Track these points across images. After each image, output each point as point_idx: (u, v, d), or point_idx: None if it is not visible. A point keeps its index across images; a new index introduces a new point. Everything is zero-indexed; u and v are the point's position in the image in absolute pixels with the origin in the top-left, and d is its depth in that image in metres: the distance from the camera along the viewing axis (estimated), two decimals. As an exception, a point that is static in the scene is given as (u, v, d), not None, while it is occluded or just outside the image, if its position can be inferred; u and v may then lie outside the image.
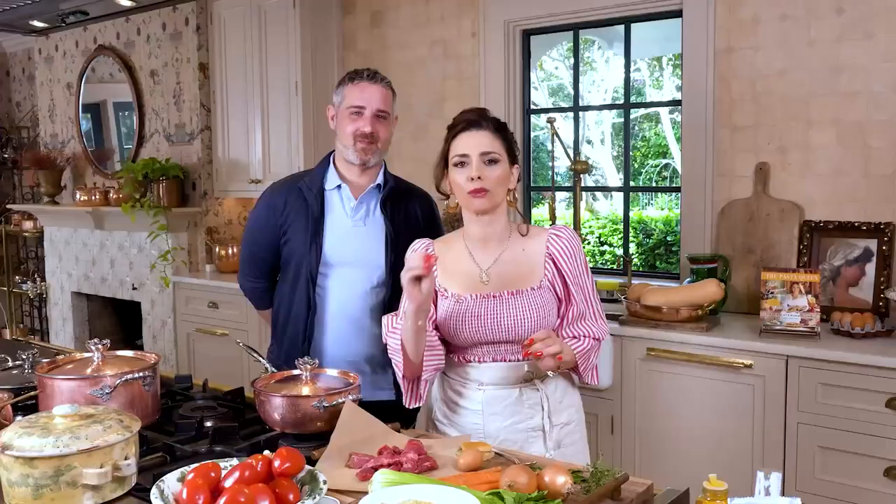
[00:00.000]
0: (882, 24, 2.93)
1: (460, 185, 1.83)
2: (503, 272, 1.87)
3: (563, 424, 1.90)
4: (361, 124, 2.17)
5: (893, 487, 2.50)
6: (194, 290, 4.60)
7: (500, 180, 1.83)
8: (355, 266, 2.21)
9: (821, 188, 3.11)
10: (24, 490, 1.37)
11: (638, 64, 7.11)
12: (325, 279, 2.22)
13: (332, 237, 2.21)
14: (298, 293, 2.23)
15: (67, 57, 5.50)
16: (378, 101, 2.19)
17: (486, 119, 1.87)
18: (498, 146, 1.84)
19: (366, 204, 2.25)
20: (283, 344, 2.28)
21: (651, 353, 2.95)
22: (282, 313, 2.30)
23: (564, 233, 1.91)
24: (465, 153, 1.83)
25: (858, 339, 2.71)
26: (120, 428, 1.44)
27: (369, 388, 2.20)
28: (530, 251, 1.89)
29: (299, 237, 2.22)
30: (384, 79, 2.23)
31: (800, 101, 3.12)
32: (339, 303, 2.22)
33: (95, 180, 5.42)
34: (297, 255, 2.23)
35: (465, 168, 1.82)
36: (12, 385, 1.91)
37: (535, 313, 1.83)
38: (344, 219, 2.24)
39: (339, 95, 2.24)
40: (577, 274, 1.87)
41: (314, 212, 2.21)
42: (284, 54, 4.34)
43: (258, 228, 2.33)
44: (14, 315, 6.46)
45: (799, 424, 2.66)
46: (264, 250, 2.32)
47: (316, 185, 2.24)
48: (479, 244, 1.90)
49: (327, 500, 1.36)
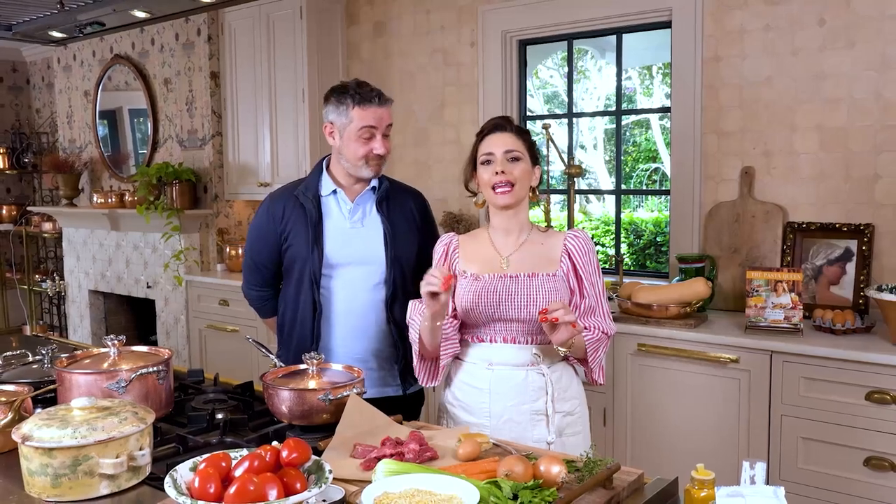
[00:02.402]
0: (862, 33, 2.93)
1: (486, 181, 1.91)
2: (522, 259, 1.92)
3: (565, 413, 1.91)
4: (375, 146, 2.16)
5: (872, 476, 2.50)
6: (206, 288, 4.60)
7: (523, 176, 1.91)
8: (356, 265, 2.21)
9: (804, 191, 3.11)
10: (43, 479, 1.37)
11: (629, 72, 7.11)
12: (328, 280, 2.22)
13: (332, 240, 2.21)
14: (303, 296, 2.22)
15: (85, 66, 5.50)
16: (386, 120, 2.19)
17: (510, 123, 1.97)
18: (520, 146, 1.92)
19: (362, 206, 2.24)
20: (292, 347, 2.26)
21: (642, 349, 2.95)
22: (288, 317, 2.29)
23: (581, 234, 1.97)
24: (490, 152, 1.91)
25: (839, 335, 2.71)
26: (135, 420, 1.44)
27: (377, 385, 2.20)
28: (549, 246, 1.94)
29: (300, 242, 2.21)
30: (390, 100, 2.23)
31: (784, 107, 3.12)
32: (343, 302, 2.22)
33: (111, 183, 5.42)
34: (299, 259, 2.22)
35: (490, 165, 1.90)
36: (32, 379, 1.91)
37: (548, 296, 1.85)
38: (342, 221, 2.23)
39: (343, 116, 2.16)
40: (590, 272, 1.91)
41: (313, 217, 2.21)
42: (291, 63, 4.34)
43: (260, 236, 2.32)
44: (34, 312, 6.46)
45: (783, 416, 2.66)
46: (266, 257, 2.31)
47: (312, 192, 2.24)
48: (501, 234, 1.96)
49: (333, 488, 1.36)
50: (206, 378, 2.14)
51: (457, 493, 1.23)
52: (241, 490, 1.14)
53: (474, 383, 1.91)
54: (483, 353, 1.91)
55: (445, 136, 4.13)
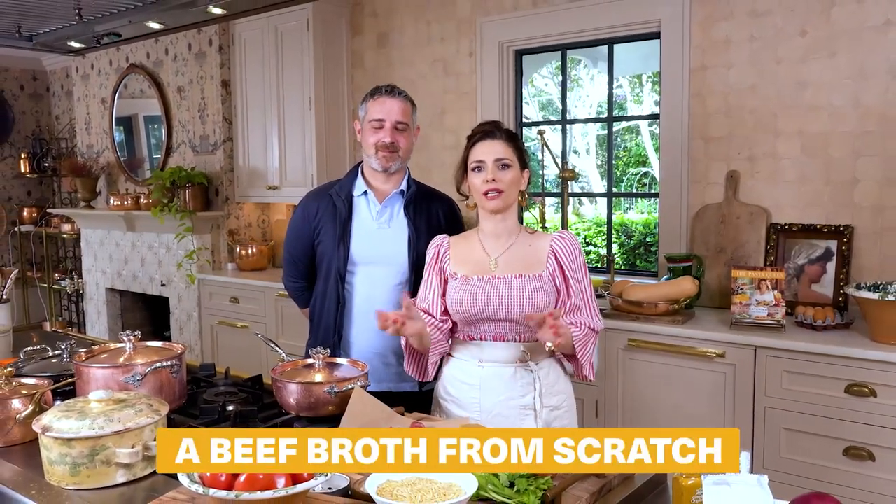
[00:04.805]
0: (843, 44, 2.93)
1: (477, 187, 1.89)
2: (510, 261, 1.90)
3: (553, 408, 1.90)
4: (382, 135, 2.17)
5: (852, 465, 2.50)
6: (217, 286, 4.60)
7: (512, 183, 1.89)
8: (380, 264, 2.20)
9: (786, 194, 3.11)
10: (62, 468, 1.37)
11: (620, 81, 7.10)
12: (352, 276, 2.22)
13: (358, 238, 2.21)
14: (329, 290, 2.23)
15: (102, 74, 5.50)
16: (397, 112, 2.18)
17: (500, 129, 1.93)
18: (510, 153, 1.89)
19: (390, 208, 2.24)
20: (319, 336, 2.28)
21: (632, 344, 2.95)
22: (317, 308, 2.30)
23: (567, 235, 1.95)
24: (481, 159, 1.88)
25: (820, 330, 2.71)
26: (150, 412, 1.44)
27: (394, 380, 2.21)
28: (536, 247, 1.92)
29: (330, 239, 2.22)
30: (402, 92, 2.22)
31: (768, 114, 3.12)
32: (364, 298, 2.21)
33: (127, 187, 5.42)
34: (328, 255, 2.23)
35: (481, 172, 1.88)
36: (52, 373, 1.92)
37: (535, 296, 1.85)
38: (370, 221, 2.23)
39: (363, 110, 2.23)
40: (576, 272, 1.89)
41: (342, 215, 2.21)
42: (299, 72, 4.34)
43: (296, 232, 2.34)
44: (53, 309, 6.46)
45: (766, 408, 2.67)
46: (301, 252, 2.32)
47: (345, 192, 2.25)
48: (490, 238, 1.94)
49: (338, 476, 1.36)
50: (217, 372, 2.13)
51: (456, 482, 1.23)
52: (251, 478, 1.14)
53: (465, 379, 1.91)
54: (473, 351, 1.90)
55: (445, 142, 4.13)
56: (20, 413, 1.60)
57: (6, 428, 1.60)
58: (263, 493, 1.12)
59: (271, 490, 1.13)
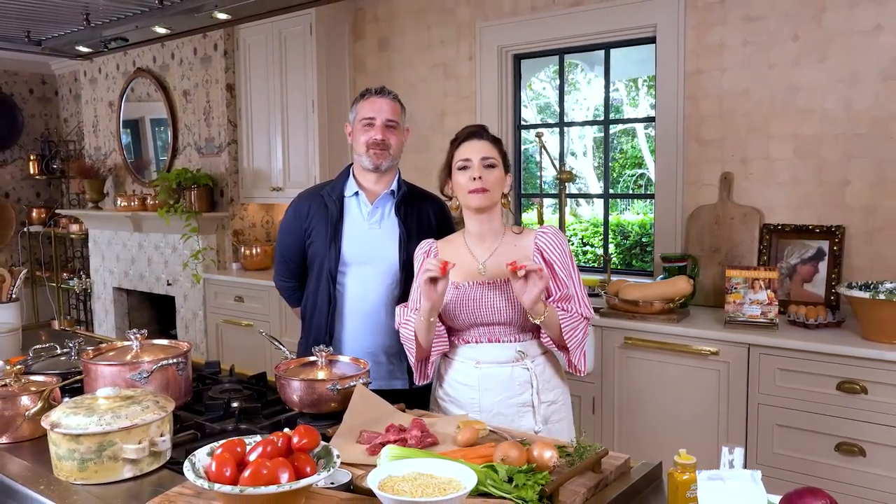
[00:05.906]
0: (834, 49, 2.93)
1: (462, 186, 1.87)
2: (498, 263, 1.87)
3: (550, 402, 1.90)
4: (373, 133, 2.17)
5: (843, 461, 2.50)
6: (222, 285, 4.60)
7: (497, 182, 1.88)
8: (371, 264, 2.19)
9: (779, 195, 3.11)
10: (71, 463, 1.37)
11: (616, 84, 7.10)
12: (343, 276, 2.20)
13: (349, 238, 2.20)
14: (321, 289, 2.22)
15: (109, 78, 5.50)
16: (387, 111, 2.18)
17: (486, 131, 1.94)
18: (495, 153, 1.89)
19: (381, 208, 2.23)
20: (311, 336, 2.26)
21: (628, 342, 2.95)
22: (308, 308, 2.29)
23: (549, 230, 1.93)
24: (468, 157, 1.88)
25: (812, 329, 2.71)
26: (156, 408, 1.44)
27: (385, 378, 2.19)
28: (521, 246, 1.90)
29: (321, 239, 2.21)
30: (391, 92, 2.23)
31: (761, 117, 3.12)
32: (355, 298, 2.20)
33: (134, 188, 5.42)
34: (319, 255, 2.22)
35: (467, 170, 1.87)
36: (60, 370, 1.92)
37: None
38: (361, 222, 2.22)
39: (353, 112, 2.24)
40: (561, 264, 1.87)
41: (334, 216, 2.20)
42: (302, 75, 4.34)
43: (287, 232, 2.32)
44: (62, 308, 6.46)
45: (759, 405, 2.66)
46: (292, 251, 2.31)
47: (336, 193, 2.24)
48: (476, 240, 1.92)
49: (340, 472, 1.36)
50: (222, 369, 2.14)
51: (456, 477, 1.23)
52: (255, 473, 1.14)
53: (464, 380, 1.89)
54: (470, 353, 1.89)
55: (445, 144, 4.08)
56: (29, 410, 1.60)
57: (15, 424, 1.60)
58: (267, 488, 1.12)
59: (275, 485, 1.13)
